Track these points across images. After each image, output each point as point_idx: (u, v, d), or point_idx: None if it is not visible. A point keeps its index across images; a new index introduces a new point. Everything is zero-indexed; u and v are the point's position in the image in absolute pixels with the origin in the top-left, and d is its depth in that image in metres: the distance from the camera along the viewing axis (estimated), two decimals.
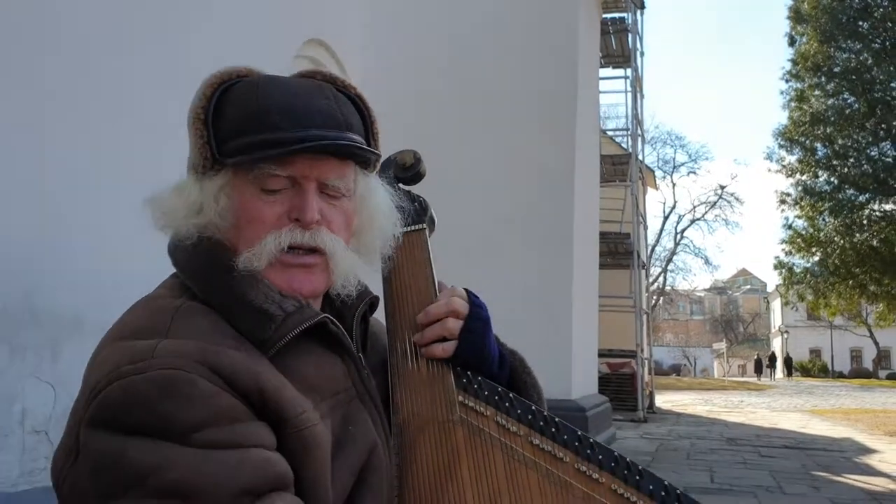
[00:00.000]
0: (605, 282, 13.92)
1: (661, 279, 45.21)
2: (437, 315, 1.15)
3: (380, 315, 1.25)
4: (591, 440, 1.06)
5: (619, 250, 14.99)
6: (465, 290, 1.20)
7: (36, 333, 1.99)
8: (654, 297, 41.69)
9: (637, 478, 1.02)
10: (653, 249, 40.88)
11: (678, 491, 1.01)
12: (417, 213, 1.29)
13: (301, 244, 1.02)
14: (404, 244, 1.25)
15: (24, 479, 1.93)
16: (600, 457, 1.04)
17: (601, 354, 13.49)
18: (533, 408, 1.09)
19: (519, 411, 1.09)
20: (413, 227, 1.28)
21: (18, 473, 1.93)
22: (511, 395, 1.11)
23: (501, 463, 1.06)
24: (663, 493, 1.01)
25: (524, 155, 8.09)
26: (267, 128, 1.00)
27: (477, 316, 1.15)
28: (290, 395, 0.94)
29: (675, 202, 64.80)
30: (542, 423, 1.07)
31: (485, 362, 1.15)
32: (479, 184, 8.01)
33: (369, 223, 1.13)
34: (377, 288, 1.23)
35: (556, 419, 1.08)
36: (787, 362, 48.55)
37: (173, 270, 1.08)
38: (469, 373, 1.14)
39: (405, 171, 1.33)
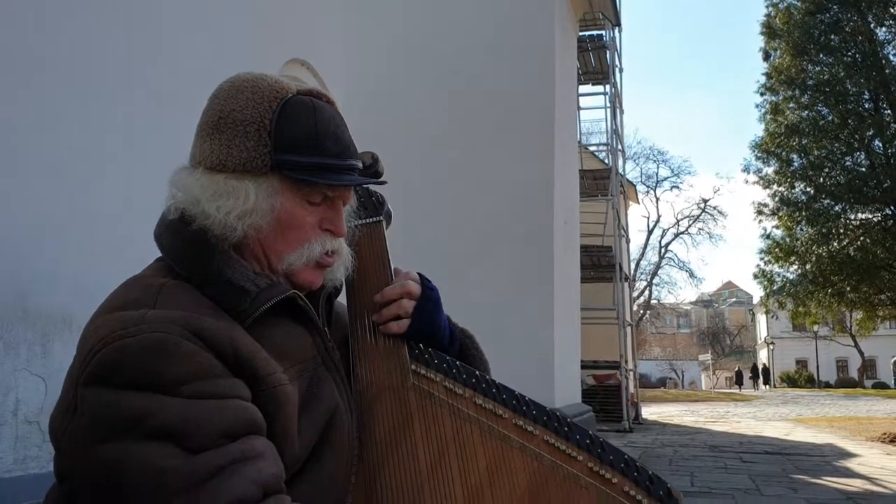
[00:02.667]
0: (589, 295, 14.10)
1: (646, 293, 45.51)
2: (393, 296, 1.30)
3: (342, 297, 1.39)
4: (528, 399, 1.20)
5: (601, 263, 15.19)
6: (419, 273, 1.35)
7: (28, 330, 2.11)
8: (641, 311, 41.97)
9: (566, 430, 1.16)
10: (638, 264, 41.23)
11: (601, 440, 1.15)
12: (375, 207, 1.44)
13: (333, 250, 1.23)
14: (364, 234, 1.40)
15: (17, 465, 2.04)
16: (534, 412, 1.18)
17: (587, 366, 13.63)
18: (477, 373, 1.24)
19: (464, 376, 1.23)
20: (372, 220, 1.42)
21: (12, 461, 2.04)
22: (458, 363, 1.26)
23: (448, 421, 1.20)
24: (588, 442, 1.15)
25: (504, 169, 8.26)
26: (324, 153, 1.18)
27: (428, 297, 1.31)
28: (263, 358, 1.08)
29: (659, 216, 65.43)
30: (483, 386, 1.22)
31: (436, 337, 1.30)
32: (460, 198, 8.18)
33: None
34: None
35: (497, 382, 1.22)
36: (765, 373, 48.99)
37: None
38: (421, 345, 1.28)
39: (364, 170, 1.47)
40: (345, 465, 1.16)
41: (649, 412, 18.58)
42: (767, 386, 46.90)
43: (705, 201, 46.65)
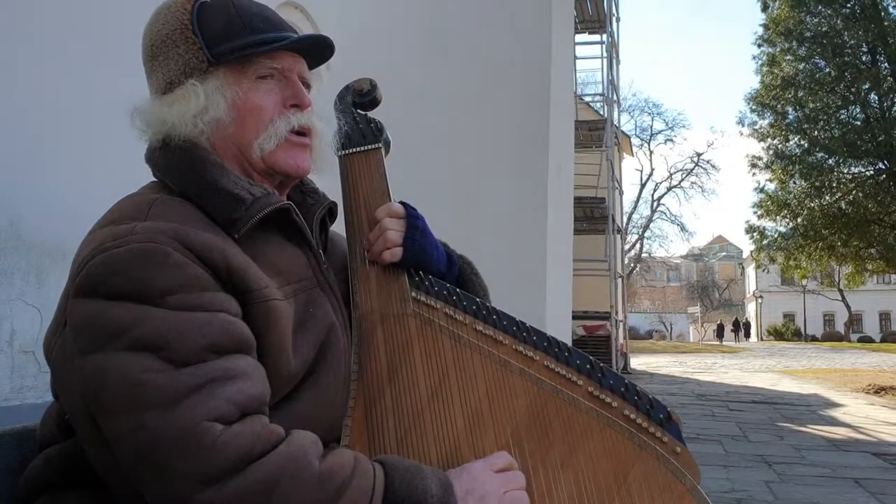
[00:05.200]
0: (581, 246, 14.12)
1: (637, 246, 45.68)
2: (378, 216, 1.29)
3: (341, 229, 1.37)
4: (528, 326, 1.20)
5: (594, 215, 15.19)
6: (403, 203, 1.33)
7: (21, 260, 2.11)
8: (632, 264, 42.14)
9: (566, 355, 1.16)
10: (630, 217, 41.27)
11: (601, 365, 1.15)
12: (374, 134, 1.41)
13: (302, 126, 1.20)
14: (362, 161, 1.38)
15: (14, 395, 2.06)
16: (535, 338, 1.18)
17: (578, 317, 13.73)
18: (477, 300, 1.23)
19: (464, 303, 1.23)
20: (370, 147, 1.40)
21: (9, 390, 2.06)
22: (458, 290, 1.25)
23: (449, 347, 1.20)
24: (589, 367, 1.15)
25: (499, 118, 8.17)
26: (254, 31, 1.18)
27: (414, 226, 1.29)
28: (255, 272, 1.07)
29: (652, 170, 65.22)
30: (484, 313, 1.21)
31: (430, 263, 1.28)
32: (453, 146, 8.10)
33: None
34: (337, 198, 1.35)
35: (498, 309, 1.22)
36: (746, 327, 49.96)
37: None
38: (421, 273, 1.27)
39: (362, 96, 1.45)
40: (342, 386, 1.16)
41: (638, 363, 18.80)
42: (748, 339, 47.68)
43: (699, 155, 46.59)
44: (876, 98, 15.91)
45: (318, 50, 1.26)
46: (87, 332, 0.96)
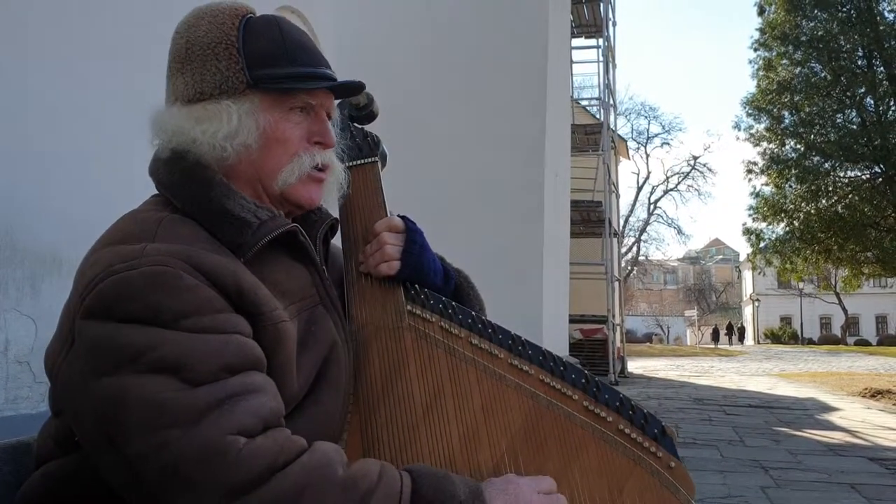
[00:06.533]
0: (578, 249, 14.13)
1: (634, 249, 45.73)
2: (377, 230, 1.30)
3: (337, 240, 1.37)
4: (524, 339, 1.20)
5: (591, 218, 15.20)
6: (402, 216, 1.34)
7: (16, 270, 2.10)
8: (629, 267, 42.21)
9: (562, 369, 1.17)
10: (626, 220, 41.34)
11: (596, 379, 1.16)
12: (370, 148, 1.42)
13: (324, 164, 1.21)
14: (359, 175, 1.38)
15: (8, 405, 2.06)
16: (530, 352, 1.19)
17: (575, 320, 13.74)
18: (473, 314, 1.24)
19: (460, 317, 1.23)
20: (366, 160, 1.41)
21: (3, 400, 2.05)
22: (454, 304, 1.25)
23: (444, 361, 1.20)
24: (584, 381, 1.16)
25: (496, 122, 8.19)
26: (294, 62, 1.17)
27: (412, 240, 1.30)
28: (264, 294, 1.07)
29: (649, 173, 65.63)
30: (480, 326, 1.22)
31: (427, 277, 1.29)
32: (451, 150, 8.11)
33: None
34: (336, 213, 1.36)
35: (494, 323, 1.22)
36: (741, 331, 50.35)
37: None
38: (416, 286, 1.27)
39: (359, 110, 1.46)
40: (342, 403, 1.17)
41: (635, 366, 18.78)
42: (743, 342, 47.84)
43: (695, 158, 46.70)
44: (872, 102, 15.94)
45: (349, 90, 1.27)
46: (102, 355, 0.96)
